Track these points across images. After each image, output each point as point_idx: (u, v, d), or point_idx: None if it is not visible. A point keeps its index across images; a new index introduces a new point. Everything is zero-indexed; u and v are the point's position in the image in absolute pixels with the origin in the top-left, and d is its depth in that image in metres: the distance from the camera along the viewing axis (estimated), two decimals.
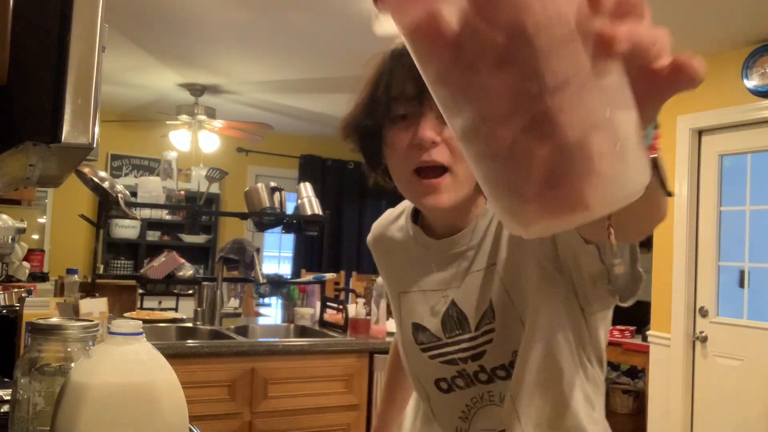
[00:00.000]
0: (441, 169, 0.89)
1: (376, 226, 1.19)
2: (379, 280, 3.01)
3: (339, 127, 1.01)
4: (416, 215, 1.09)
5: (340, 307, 3.05)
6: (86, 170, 2.73)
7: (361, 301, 3.05)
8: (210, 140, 5.57)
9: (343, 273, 6.07)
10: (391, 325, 3.02)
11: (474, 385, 0.99)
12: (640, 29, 0.34)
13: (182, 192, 3.44)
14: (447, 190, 0.90)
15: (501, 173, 0.36)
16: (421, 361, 1.03)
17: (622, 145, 0.34)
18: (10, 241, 2.68)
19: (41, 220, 6.12)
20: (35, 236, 6.04)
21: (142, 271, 3.21)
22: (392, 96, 0.90)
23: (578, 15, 0.32)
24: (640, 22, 0.34)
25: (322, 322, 3.19)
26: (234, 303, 3.92)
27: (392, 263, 1.12)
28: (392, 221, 1.15)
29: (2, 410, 1.29)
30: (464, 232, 0.99)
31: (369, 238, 1.20)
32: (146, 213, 6.02)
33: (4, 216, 2.64)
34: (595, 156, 0.33)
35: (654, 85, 0.36)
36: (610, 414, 3.59)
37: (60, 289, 2.09)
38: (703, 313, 3.91)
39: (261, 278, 3.23)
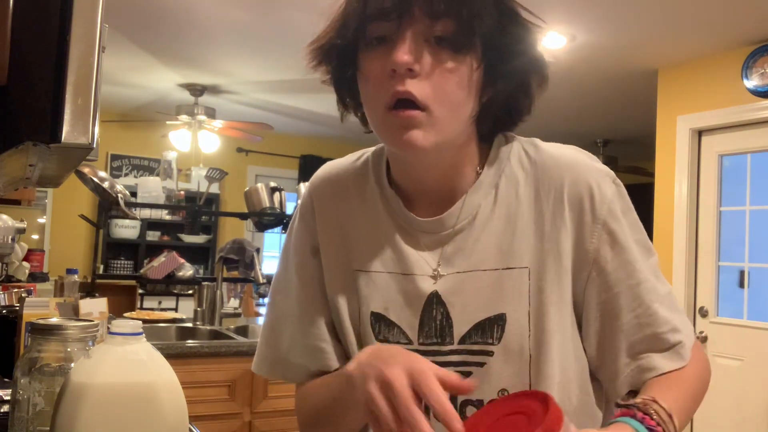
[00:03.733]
0: (416, 106, 0.73)
1: (330, 173, 0.91)
2: None
3: (307, 51, 0.81)
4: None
5: None
6: (86, 170, 2.73)
7: None
8: (210, 140, 5.57)
9: None
10: None
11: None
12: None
13: (182, 192, 3.45)
14: (428, 128, 0.74)
15: None
16: None
17: None
18: (10, 241, 2.68)
19: (41, 220, 6.12)
20: (35, 236, 6.04)
21: (142, 271, 3.21)
22: (368, 13, 0.74)
23: None
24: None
25: None
26: (234, 303, 3.92)
27: (347, 229, 0.87)
28: (354, 177, 0.89)
29: (2, 410, 1.29)
30: (452, 210, 0.82)
31: (314, 185, 0.91)
32: (146, 213, 6.03)
33: (4, 216, 2.63)
34: None
35: None
36: None
37: (60, 289, 2.09)
38: (703, 313, 3.91)
39: (261, 278, 3.23)
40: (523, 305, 0.78)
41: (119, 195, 2.78)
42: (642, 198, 0.83)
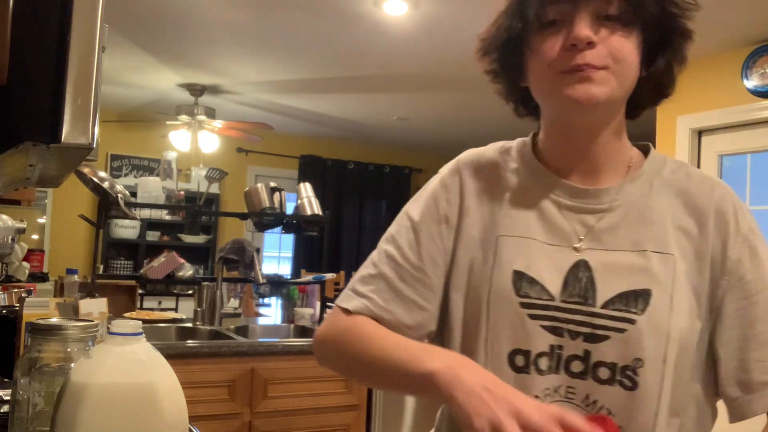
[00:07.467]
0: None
1: (478, 155, 0.98)
2: None
3: (478, 41, 0.91)
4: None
5: None
6: (86, 170, 2.73)
7: None
8: (210, 140, 5.57)
9: (342, 273, 6.07)
10: None
11: (557, 372, 0.84)
12: None
13: (182, 192, 3.44)
14: (603, 83, 0.81)
15: None
16: (512, 318, 0.86)
17: None
18: (10, 241, 2.68)
19: (41, 220, 6.12)
20: (35, 236, 6.04)
21: (142, 271, 3.20)
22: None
23: None
24: None
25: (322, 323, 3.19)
26: (234, 303, 3.92)
27: (495, 202, 0.94)
28: (502, 158, 0.97)
29: (2, 410, 1.29)
30: (612, 186, 0.89)
31: (463, 162, 0.98)
32: (146, 213, 6.02)
33: (4, 216, 2.63)
34: None
35: None
36: None
37: (60, 289, 2.09)
38: None
39: (261, 278, 3.23)
40: (667, 287, 0.84)
41: (119, 195, 2.78)
42: None
